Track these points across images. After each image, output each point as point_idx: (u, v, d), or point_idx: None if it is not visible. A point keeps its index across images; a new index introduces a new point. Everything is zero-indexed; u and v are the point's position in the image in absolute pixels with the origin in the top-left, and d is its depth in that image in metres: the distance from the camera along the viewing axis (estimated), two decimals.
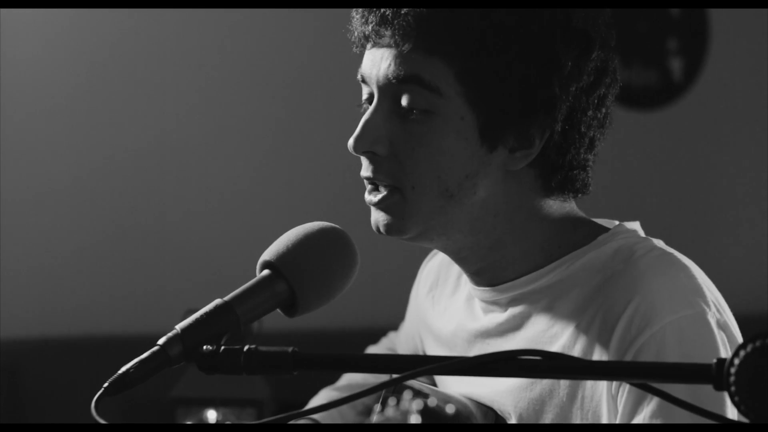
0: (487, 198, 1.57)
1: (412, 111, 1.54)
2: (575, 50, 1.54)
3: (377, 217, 1.59)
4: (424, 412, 1.05)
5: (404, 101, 1.54)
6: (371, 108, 1.58)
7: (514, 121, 1.54)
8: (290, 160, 3.57)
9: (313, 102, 3.57)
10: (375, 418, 1.09)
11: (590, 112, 1.57)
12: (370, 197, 1.59)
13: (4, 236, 3.33)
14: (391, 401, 1.09)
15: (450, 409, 1.06)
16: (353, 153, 1.58)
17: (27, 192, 3.36)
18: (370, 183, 1.60)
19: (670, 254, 1.57)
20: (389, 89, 1.56)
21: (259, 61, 3.54)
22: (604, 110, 1.59)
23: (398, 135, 1.55)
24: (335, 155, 3.56)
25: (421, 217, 1.56)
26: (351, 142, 1.57)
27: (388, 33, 1.54)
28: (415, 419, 1.05)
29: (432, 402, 1.06)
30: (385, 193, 1.57)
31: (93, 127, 3.41)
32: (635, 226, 1.64)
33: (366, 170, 1.58)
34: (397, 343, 1.97)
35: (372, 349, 2.02)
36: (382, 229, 1.59)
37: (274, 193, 3.55)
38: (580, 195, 1.61)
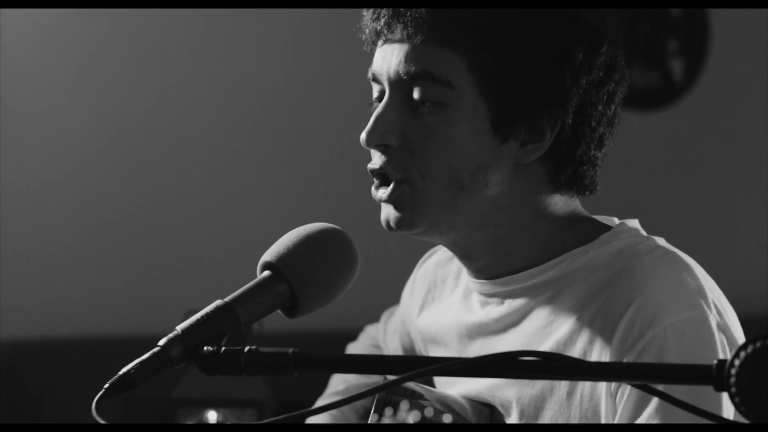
0: (497, 192, 1.58)
1: (425, 103, 1.55)
2: (585, 44, 1.56)
3: (387, 213, 1.59)
4: (422, 422, 1.05)
5: (416, 94, 1.55)
6: (383, 102, 1.58)
7: (526, 113, 1.55)
8: (292, 160, 3.57)
9: (315, 103, 3.57)
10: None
11: (600, 108, 1.58)
12: (378, 193, 1.59)
13: (4, 236, 3.33)
14: (388, 411, 1.08)
15: (447, 418, 1.06)
16: (365, 146, 1.58)
17: (27, 192, 3.37)
18: (377, 177, 1.59)
19: (673, 253, 1.57)
20: (400, 84, 1.56)
21: (263, 60, 3.54)
22: (613, 108, 1.60)
23: (411, 127, 1.56)
24: (337, 156, 3.57)
25: (430, 209, 1.57)
26: (363, 135, 1.58)
27: (399, 26, 1.55)
28: None
29: (429, 412, 1.06)
30: (392, 186, 1.57)
31: (93, 127, 3.41)
32: (634, 224, 1.64)
33: (375, 162, 1.59)
34: (381, 338, 1.97)
35: (352, 346, 2.01)
36: (392, 224, 1.59)
37: (276, 194, 3.55)
38: (587, 193, 1.62)
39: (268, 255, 1.40)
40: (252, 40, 3.53)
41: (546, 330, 1.58)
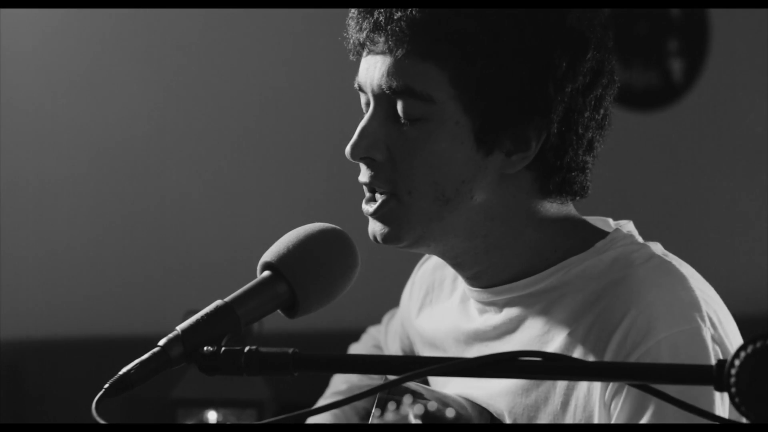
0: (483, 202, 1.56)
1: (407, 118, 1.54)
2: (569, 51, 1.53)
3: (374, 227, 1.59)
4: (425, 416, 1.05)
5: (399, 109, 1.54)
6: (368, 114, 1.57)
7: (510, 124, 1.53)
8: (291, 161, 3.57)
9: (315, 103, 3.57)
10: (374, 423, 1.09)
11: (587, 113, 1.55)
12: (367, 207, 1.59)
13: (4, 236, 3.33)
14: (391, 405, 1.08)
15: (450, 413, 1.06)
16: (350, 159, 1.58)
17: (28, 192, 3.37)
18: (368, 190, 1.59)
19: (668, 263, 1.56)
20: (383, 97, 1.55)
21: (263, 61, 3.54)
22: (602, 111, 1.57)
23: (395, 140, 1.55)
24: (336, 156, 3.56)
25: (417, 224, 1.56)
26: (348, 148, 1.57)
27: (381, 39, 1.54)
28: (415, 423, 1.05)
29: (432, 406, 1.05)
30: (381, 201, 1.57)
31: (93, 127, 3.41)
32: (629, 227, 1.63)
33: (364, 176, 1.58)
34: (382, 339, 1.97)
35: (354, 347, 2.02)
36: (378, 239, 1.59)
37: (276, 194, 3.55)
38: (578, 198, 1.60)
39: (268, 255, 1.40)
40: (252, 40, 3.54)
41: (541, 340, 1.57)
